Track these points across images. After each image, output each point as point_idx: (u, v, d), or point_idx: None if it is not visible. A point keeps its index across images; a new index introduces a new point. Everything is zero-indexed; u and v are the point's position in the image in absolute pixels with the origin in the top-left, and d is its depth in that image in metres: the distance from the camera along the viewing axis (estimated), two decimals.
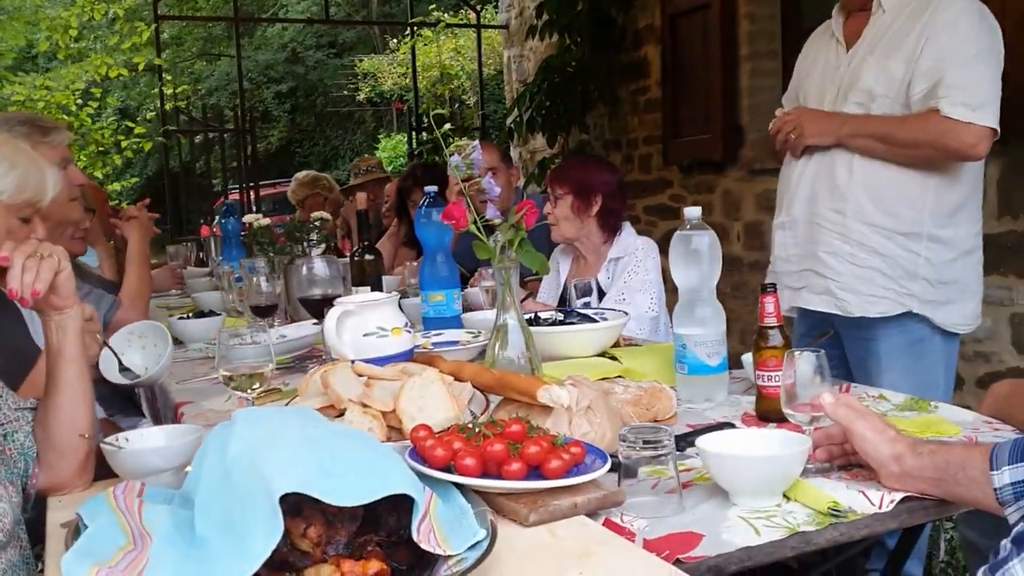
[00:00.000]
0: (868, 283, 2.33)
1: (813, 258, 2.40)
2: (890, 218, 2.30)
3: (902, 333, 2.34)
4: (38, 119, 2.36)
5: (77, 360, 1.48)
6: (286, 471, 1.03)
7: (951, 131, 2.17)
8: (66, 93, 6.86)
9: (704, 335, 1.83)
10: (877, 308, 2.33)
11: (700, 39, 5.08)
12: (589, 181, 2.89)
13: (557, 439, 1.31)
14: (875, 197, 2.31)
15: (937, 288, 2.31)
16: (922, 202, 2.29)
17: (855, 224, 2.33)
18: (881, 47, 2.31)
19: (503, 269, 1.77)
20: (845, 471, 1.38)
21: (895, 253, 2.31)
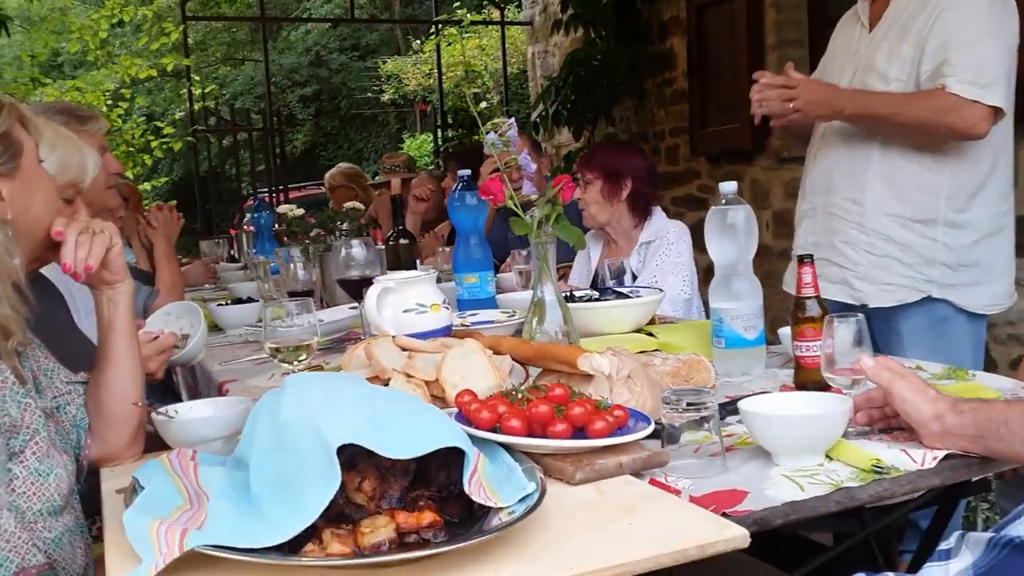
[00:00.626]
0: (886, 272, 2.33)
1: (830, 248, 2.39)
2: (906, 206, 2.30)
3: (923, 314, 2.33)
4: (75, 108, 2.41)
5: (128, 333, 1.52)
6: (341, 425, 1.05)
7: (955, 109, 2.15)
8: (96, 94, 6.96)
9: (740, 309, 1.84)
10: (894, 296, 2.32)
11: (726, 29, 5.08)
12: (618, 165, 2.90)
13: (600, 402, 1.33)
14: (892, 186, 2.31)
15: (958, 271, 2.30)
16: (938, 188, 2.28)
17: (873, 214, 2.33)
18: (895, 29, 2.31)
19: (540, 244, 1.79)
20: (886, 433, 1.39)
21: (912, 241, 2.30)
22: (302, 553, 1.01)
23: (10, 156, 1.39)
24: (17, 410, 1.29)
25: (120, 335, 1.52)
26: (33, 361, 1.50)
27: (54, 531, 1.30)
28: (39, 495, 1.28)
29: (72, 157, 1.90)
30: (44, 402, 1.45)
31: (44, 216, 1.45)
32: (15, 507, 1.25)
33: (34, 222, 1.44)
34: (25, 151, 1.41)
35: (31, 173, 1.42)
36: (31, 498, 1.28)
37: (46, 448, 1.32)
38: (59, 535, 1.31)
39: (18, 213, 1.39)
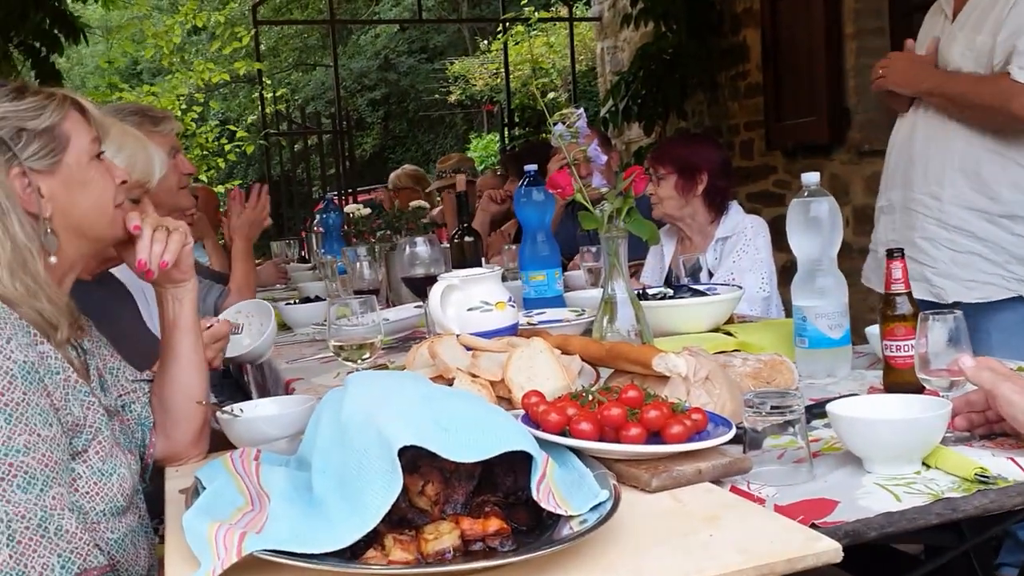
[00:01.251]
0: (968, 269, 2.28)
1: (909, 245, 2.32)
2: (993, 202, 2.24)
3: (1012, 312, 2.26)
4: (148, 109, 2.42)
5: (192, 331, 1.50)
6: (403, 426, 1.00)
7: (1017, 94, 2.13)
8: (171, 99, 7.10)
9: (825, 306, 1.74)
10: (977, 293, 2.27)
11: (803, 19, 4.92)
12: (693, 158, 2.81)
13: (677, 405, 1.26)
14: (974, 180, 2.26)
15: None
16: (1022, 182, 2.23)
17: (953, 209, 2.28)
18: (971, 22, 2.28)
19: (611, 239, 1.72)
20: (988, 440, 1.29)
21: (998, 237, 2.25)
22: (363, 560, 0.97)
23: (51, 151, 1.33)
24: (80, 408, 1.27)
25: (185, 333, 1.50)
26: (99, 359, 1.48)
27: (117, 532, 1.28)
28: (102, 495, 1.26)
29: (138, 156, 1.90)
30: (109, 400, 1.43)
31: (94, 215, 1.39)
32: (78, 507, 1.23)
33: (82, 219, 1.38)
34: (72, 147, 1.36)
35: (78, 171, 1.36)
36: (94, 498, 1.26)
37: (109, 447, 1.30)
38: (122, 536, 1.29)
39: (60, 210, 1.34)
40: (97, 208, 1.39)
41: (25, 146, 1.32)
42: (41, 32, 5.38)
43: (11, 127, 1.32)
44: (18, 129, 1.32)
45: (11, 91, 1.36)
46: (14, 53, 5.34)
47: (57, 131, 1.35)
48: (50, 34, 5.45)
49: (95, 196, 1.38)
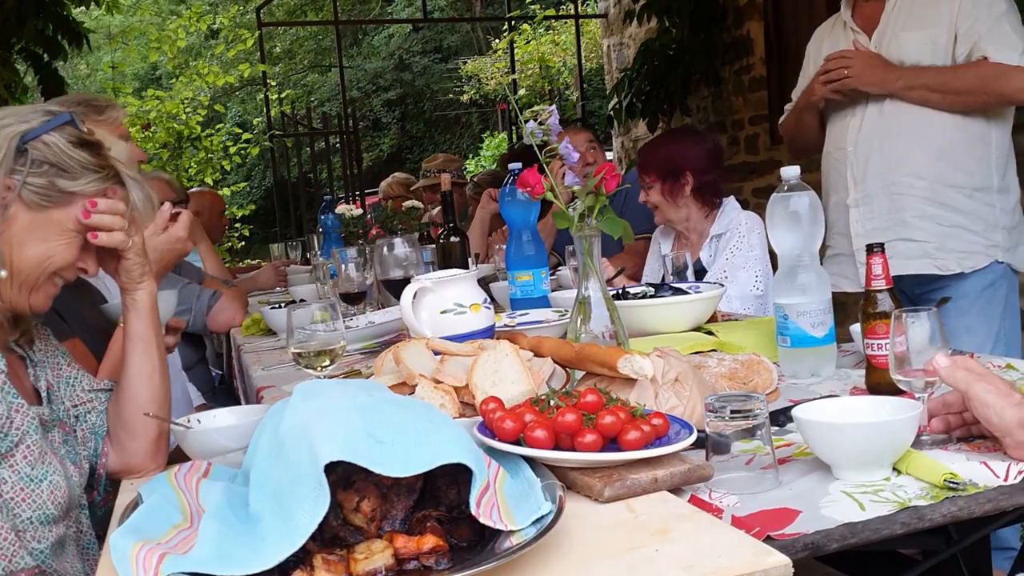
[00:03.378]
0: (957, 240, 2.42)
1: (902, 226, 2.45)
2: (967, 176, 2.40)
3: (990, 274, 2.42)
4: (92, 99, 2.33)
5: (143, 339, 1.46)
6: (332, 439, 0.96)
7: (1003, 75, 2.28)
8: (175, 102, 7.11)
9: (807, 304, 1.68)
10: (969, 263, 2.41)
11: (805, 11, 4.84)
12: (674, 161, 2.76)
13: (636, 410, 1.21)
14: (951, 159, 2.40)
15: (1011, 233, 2.44)
16: (988, 155, 2.41)
17: (938, 187, 2.41)
18: (912, 22, 2.40)
19: (583, 238, 1.67)
20: (965, 442, 1.23)
21: (975, 209, 2.40)
22: None
23: (48, 199, 1.32)
24: (5, 408, 1.24)
25: (134, 342, 1.46)
26: (51, 369, 1.45)
27: (45, 541, 1.25)
28: (29, 501, 1.23)
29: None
30: (56, 411, 1.40)
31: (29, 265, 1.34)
32: (7, 507, 1.21)
33: (18, 260, 1.33)
34: (68, 211, 1.33)
35: (51, 228, 1.33)
36: (20, 504, 1.22)
37: (39, 454, 1.27)
38: (51, 545, 1.26)
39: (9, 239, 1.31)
40: (37, 262, 1.34)
41: (36, 176, 1.30)
42: (44, 38, 5.38)
43: (46, 158, 1.31)
44: (49, 165, 1.31)
45: (78, 138, 1.35)
46: (16, 59, 5.34)
47: (70, 193, 1.32)
48: (53, 40, 5.45)
49: (41, 255, 1.34)
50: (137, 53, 8.34)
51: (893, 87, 2.40)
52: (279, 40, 19.78)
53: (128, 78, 16.58)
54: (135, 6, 7.98)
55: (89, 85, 16.44)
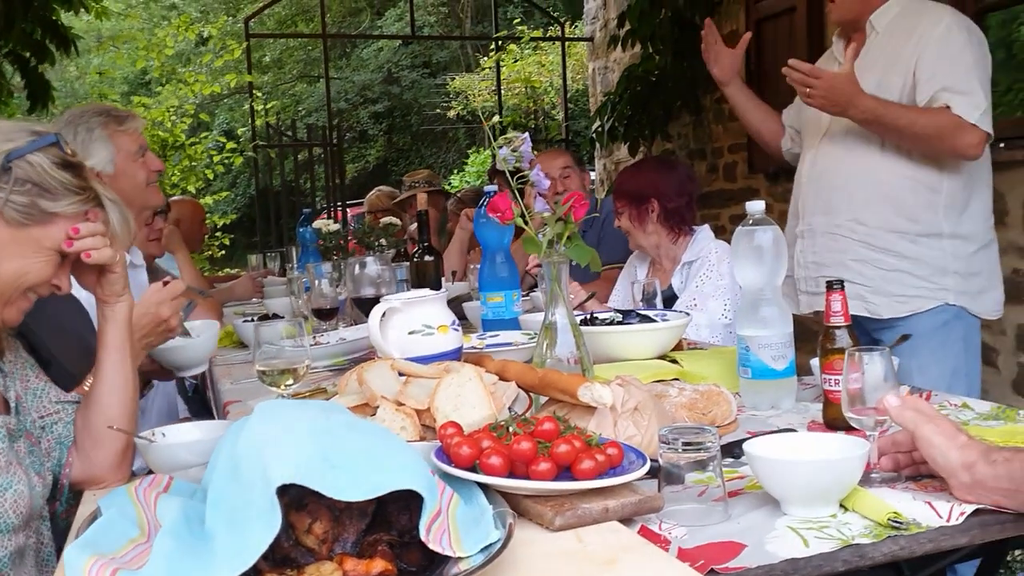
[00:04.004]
0: (898, 284, 2.44)
1: (840, 266, 2.48)
2: (911, 223, 2.42)
3: (938, 315, 2.43)
4: (113, 109, 2.42)
5: (117, 350, 1.48)
6: (285, 462, 0.97)
7: (959, 129, 2.29)
8: (160, 110, 7.10)
9: (769, 337, 1.71)
10: (907, 307, 2.43)
11: (786, 43, 4.91)
12: (641, 189, 2.84)
13: (592, 439, 1.23)
14: (896, 205, 2.42)
15: (968, 279, 2.44)
16: (936, 204, 2.41)
17: (879, 232, 2.44)
18: (880, 63, 2.44)
19: (552, 264, 1.69)
20: (913, 481, 1.26)
21: (921, 254, 2.42)
22: None
23: (28, 216, 1.34)
24: None
25: (108, 352, 1.48)
26: (19, 380, 1.46)
27: (4, 550, 1.26)
28: None
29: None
30: (23, 421, 1.41)
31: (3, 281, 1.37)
32: None
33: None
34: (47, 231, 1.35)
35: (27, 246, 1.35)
36: None
37: (4, 463, 1.28)
38: (10, 555, 1.26)
39: None
40: (12, 277, 1.35)
41: (18, 194, 1.32)
42: (31, 42, 5.38)
43: (29, 178, 1.32)
44: (32, 184, 1.33)
45: (62, 160, 1.36)
46: (2, 62, 5.33)
47: (51, 213, 1.34)
48: (40, 44, 5.45)
49: (17, 270, 1.35)
50: (128, 57, 8.34)
51: (849, 112, 2.36)
52: (268, 50, 19.79)
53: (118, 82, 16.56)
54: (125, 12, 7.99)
55: (78, 88, 16.39)
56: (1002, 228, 3.57)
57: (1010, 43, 3.99)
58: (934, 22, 2.38)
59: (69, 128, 2.27)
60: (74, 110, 2.53)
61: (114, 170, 2.31)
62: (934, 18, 2.40)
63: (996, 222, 3.36)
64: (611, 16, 6.76)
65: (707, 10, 5.53)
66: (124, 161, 2.34)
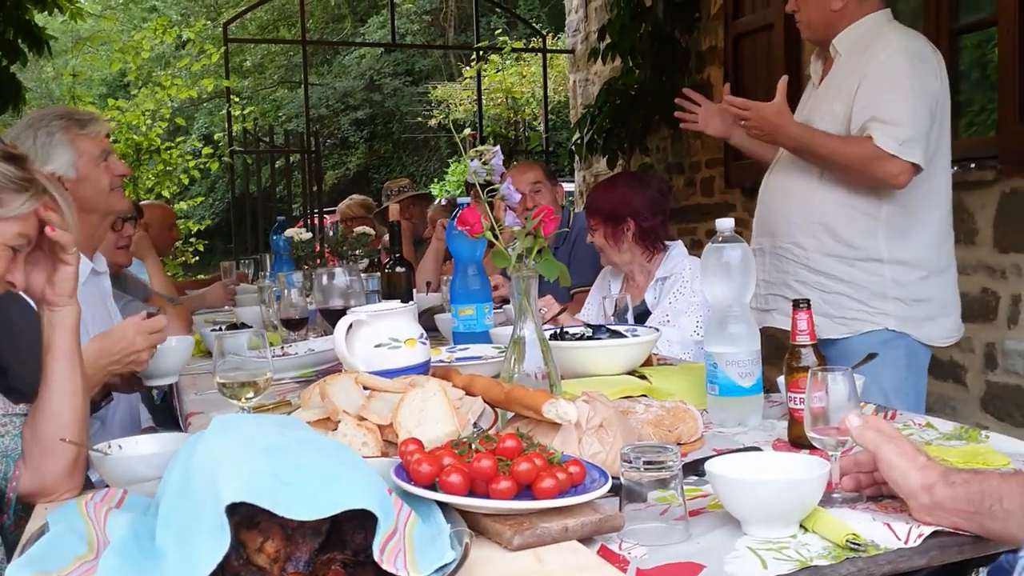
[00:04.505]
0: (836, 307, 2.47)
1: (784, 286, 2.56)
2: (848, 248, 2.46)
3: (877, 339, 2.44)
4: (75, 112, 2.33)
5: (66, 358, 1.45)
6: (236, 479, 0.96)
7: (879, 159, 2.31)
8: (136, 113, 7.04)
9: (736, 354, 1.71)
10: (846, 328, 2.46)
11: (764, 60, 4.95)
12: (616, 208, 2.83)
13: (554, 457, 1.22)
14: (831, 231, 2.46)
15: (912, 306, 2.44)
16: (875, 229, 2.43)
17: (817, 256, 2.49)
18: (832, 88, 2.49)
19: (520, 279, 1.68)
20: (874, 502, 1.25)
21: (858, 278, 2.45)
22: None
23: None
24: None
25: (56, 359, 1.45)
26: None
27: None
28: None
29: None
30: None
31: None
32: None
33: None
34: None
35: None
36: None
37: None
38: None
39: None
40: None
41: None
42: (3, 42, 5.32)
43: None
44: None
45: (3, 153, 1.36)
46: None
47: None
48: (13, 45, 5.39)
49: None
50: (104, 59, 8.29)
51: (779, 141, 2.48)
52: (249, 54, 19.72)
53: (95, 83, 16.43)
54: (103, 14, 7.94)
55: (53, 89, 16.25)
56: (972, 247, 3.62)
57: (984, 63, 4.03)
58: (882, 48, 2.39)
59: (29, 132, 2.21)
60: (35, 113, 2.48)
61: (76, 175, 2.24)
62: (883, 43, 2.40)
63: (965, 241, 3.43)
64: (592, 29, 6.78)
65: (687, 26, 5.57)
66: (86, 166, 2.26)
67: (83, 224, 2.29)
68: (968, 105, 4.05)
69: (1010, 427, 3.50)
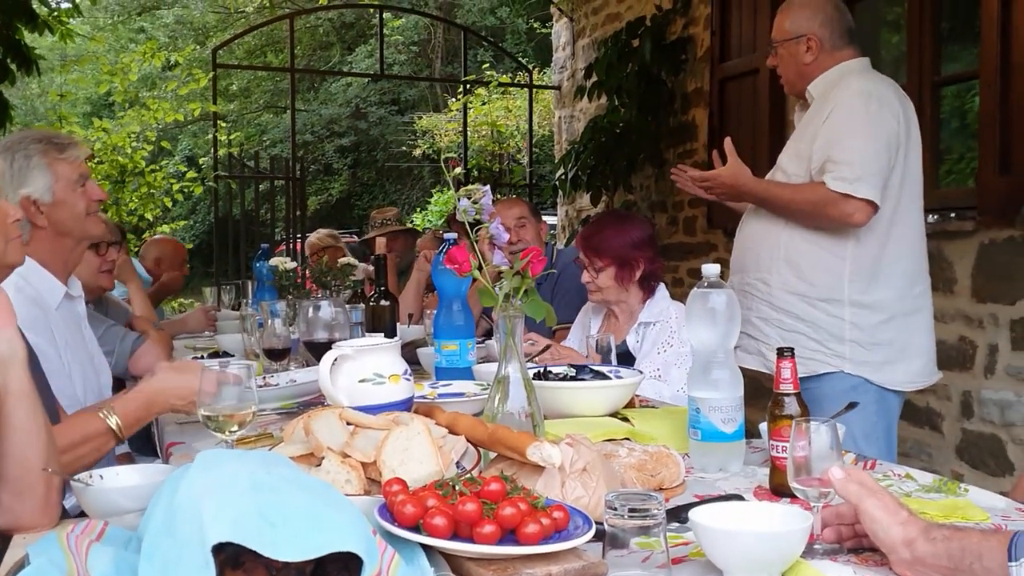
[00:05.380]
0: (794, 345, 2.39)
1: (747, 323, 2.57)
2: (810, 286, 2.50)
3: (832, 385, 2.47)
4: (54, 136, 2.29)
5: (26, 396, 1.42)
6: (222, 518, 0.95)
7: (832, 202, 2.38)
8: (121, 135, 7.03)
9: (719, 399, 1.72)
10: (804, 368, 2.39)
11: (749, 104, 5.01)
12: (628, 248, 2.79)
13: (538, 501, 1.22)
14: (796, 268, 2.51)
15: (871, 349, 2.46)
16: (840, 270, 2.47)
17: (780, 293, 2.54)
18: (799, 131, 2.59)
19: (507, 318, 1.69)
20: (855, 554, 1.26)
21: (818, 318, 2.49)
22: None
23: None
24: None
25: (16, 399, 1.42)
26: None
27: None
28: None
29: None
30: None
31: None
32: None
33: None
34: None
35: None
36: None
37: None
38: None
39: None
40: None
41: None
42: None
43: None
44: None
45: None
46: None
47: None
48: (2, 64, 5.38)
49: None
50: (91, 79, 8.28)
51: (744, 200, 2.64)
52: (236, 78, 19.75)
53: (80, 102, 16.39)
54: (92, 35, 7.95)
55: (38, 107, 16.18)
56: (950, 296, 3.67)
57: (964, 112, 4.11)
58: (843, 90, 2.47)
59: (7, 154, 2.18)
60: (13, 135, 2.44)
61: (52, 199, 2.22)
62: (844, 86, 2.48)
63: (943, 290, 3.45)
64: (579, 67, 6.86)
65: (673, 68, 5.65)
66: (63, 190, 2.24)
67: (58, 248, 2.29)
68: (947, 153, 4.13)
69: (985, 475, 3.53)
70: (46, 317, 2.18)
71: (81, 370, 2.23)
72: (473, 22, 17.59)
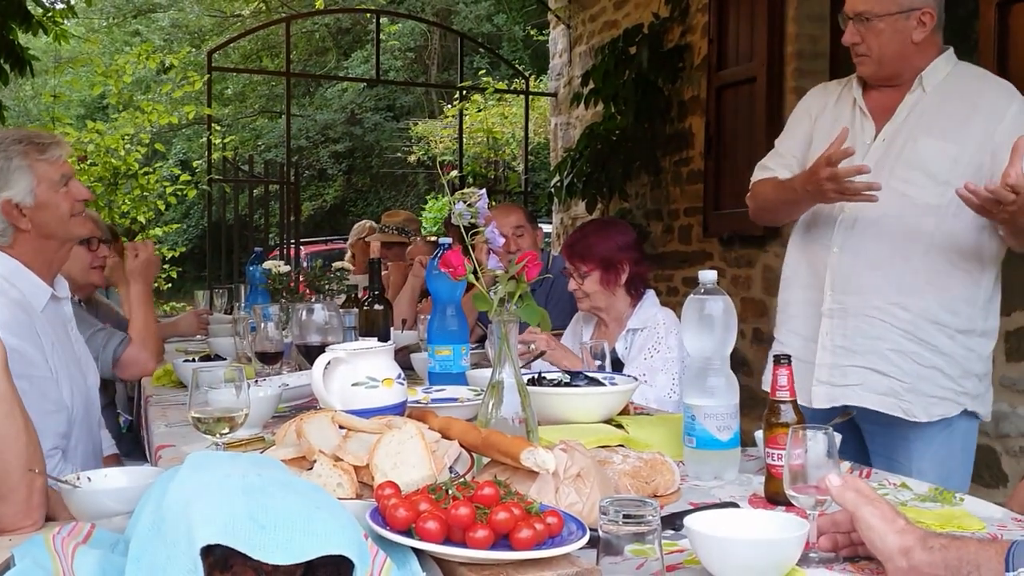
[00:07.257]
0: (930, 383, 2.20)
1: (874, 354, 2.21)
2: (953, 316, 2.19)
3: (960, 427, 2.24)
4: (35, 136, 2.24)
5: (4, 398, 1.40)
6: (212, 520, 0.94)
7: None
8: (115, 137, 7.01)
9: (715, 407, 1.71)
10: (937, 410, 2.19)
11: (746, 112, 5.02)
12: (613, 252, 2.82)
13: (532, 506, 1.20)
14: (942, 296, 2.19)
15: (982, 381, 2.26)
16: (977, 297, 2.21)
17: (922, 323, 2.19)
18: (936, 129, 2.19)
19: (501, 323, 1.68)
20: (851, 563, 1.25)
21: (955, 352, 2.20)
22: None
23: None
24: None
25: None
26: None
27: None
28: None
29: None
30: None
31: None
32: None
33: None
34: None
35: None
36: None
37: None
38: None
39: None
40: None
41: None
42: None
43: None
44: None
45: None
46: None
47: None
48: None
49: None
50: (85, 81, 8.26)
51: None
52: (231, 82, 19.73)
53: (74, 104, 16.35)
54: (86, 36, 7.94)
55: (31, 108, 16.14)
56: None
57: None
58: (1004, 100, 2.18)
59: None
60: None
61: (34, 201, 2.16)
62: (999, 94, 2.20)
63: None
64: (575, 74, 6.86)
65: (670, 75, 5.65)
66: (45, 192, 2.18)
67: (42, 250, 2.24)
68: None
69: (979, 487, 3.52)
70: (31, 320, 2.14)
71: (67, 372, 2.21)
72: (469, 28, 17.60)
